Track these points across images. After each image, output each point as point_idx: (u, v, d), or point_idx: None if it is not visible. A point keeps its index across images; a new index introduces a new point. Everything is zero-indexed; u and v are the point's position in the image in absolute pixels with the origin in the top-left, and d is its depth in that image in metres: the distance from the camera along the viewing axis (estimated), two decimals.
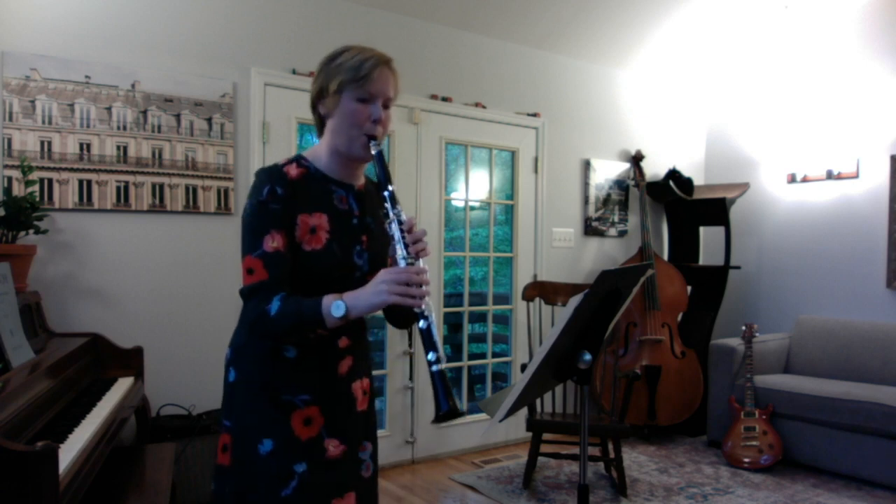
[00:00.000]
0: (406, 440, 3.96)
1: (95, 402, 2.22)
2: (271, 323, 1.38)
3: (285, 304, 1.38)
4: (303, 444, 1.46)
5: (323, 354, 1.51)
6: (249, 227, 1.43)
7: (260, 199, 1.42)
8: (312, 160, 1.53)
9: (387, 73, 1.50)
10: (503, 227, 4.77)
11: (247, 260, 1.42)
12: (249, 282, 1.41)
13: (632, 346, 4.45)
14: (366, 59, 1.48)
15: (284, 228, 1.42)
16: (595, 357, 1.62)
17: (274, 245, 1.41)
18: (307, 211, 1.46)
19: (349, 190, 1.56)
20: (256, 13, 3.42)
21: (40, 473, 1.44)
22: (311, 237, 1.45)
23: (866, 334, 4.15)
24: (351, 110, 1.47)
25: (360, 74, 1.46)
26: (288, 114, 3.50)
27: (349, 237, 1.52)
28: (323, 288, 1.43)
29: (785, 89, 4.84)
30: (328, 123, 1.52)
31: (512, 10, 4.07)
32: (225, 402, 1.51)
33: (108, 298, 3.03)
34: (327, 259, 1.47)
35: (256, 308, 1.39)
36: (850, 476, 3.73)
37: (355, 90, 1.46)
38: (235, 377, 1.49)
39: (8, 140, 2.81)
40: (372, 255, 1.57)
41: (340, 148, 1.51)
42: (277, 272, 1.41)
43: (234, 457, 1.46)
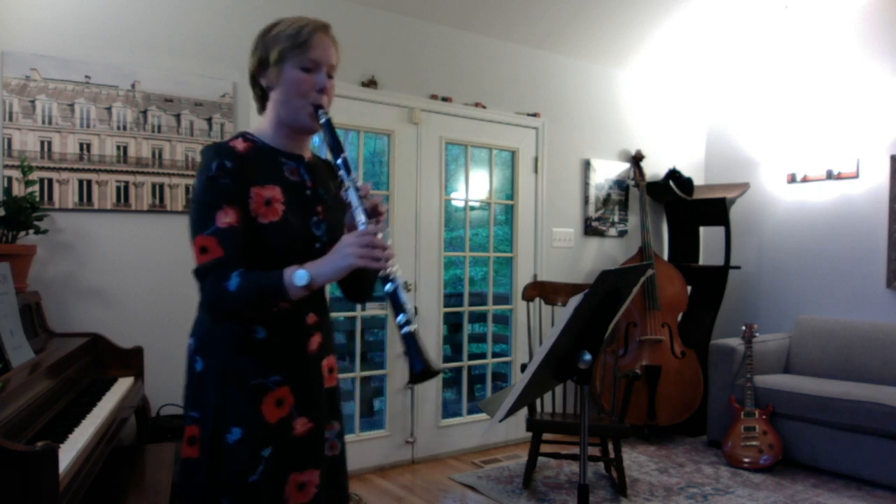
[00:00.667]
0: (406, 440, 3.96)
1: (95, 402, 2.22)
2: (232, 299, 1.34)
3: (245, 279, 1.34)
4: (271, 428, 1.44)
5: (293, 333, 1.48)
6: (199, 205, 1.38)
7: (209, 175, 1.37)
8: (258, 135, 1.50)
9: (326, 39, 1.48)
10: (503, 227, 4.77)
11: (199, 239, 1.37)
12: (203, 260, 1.36)
13: (632, 346, 4.45)
14: (303, 26, 1.46)
15: (237, 203, 1.38)
16: (595, 357, 1.62)
17: (227, 220, 1.36)
18: (259, 183, 1.42)
19: (299, 161, 1.53)
20: (256, 13, 3.42)
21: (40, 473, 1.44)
22: (267, 209, 1.42)
23: (866, 334, 4.15)
24: (295, 79, 1.44)
25: (299, 41, 1.44)
26: None
27: (305, 208, 1.49)
28: (283, 262, 1.39)
29: (785, 89, 4.84)
30: (272, 95, 1.49)
31: (512, 10, 4.07)
32: (191, 393, 1.46)
33: (108, 298, 3.03)
34: (286, 231, 1.43)
35: (215, 286, 1.35)
36: (850, 476, 3.73)
37: (297, 58, 1.44)
38: (203, 366, 1.45)
39: (8, 140, 2.81)
40: (329, 225, 1.53)
41: (286, 119, 1.48)
42: (233, 248, 1.36)
43: (203, 448, 1.43)
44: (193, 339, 1.49)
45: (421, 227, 4.00)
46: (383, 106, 3.83)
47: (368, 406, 4.67)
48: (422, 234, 4.00)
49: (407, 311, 1.37)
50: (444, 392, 4.28)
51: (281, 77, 1.45)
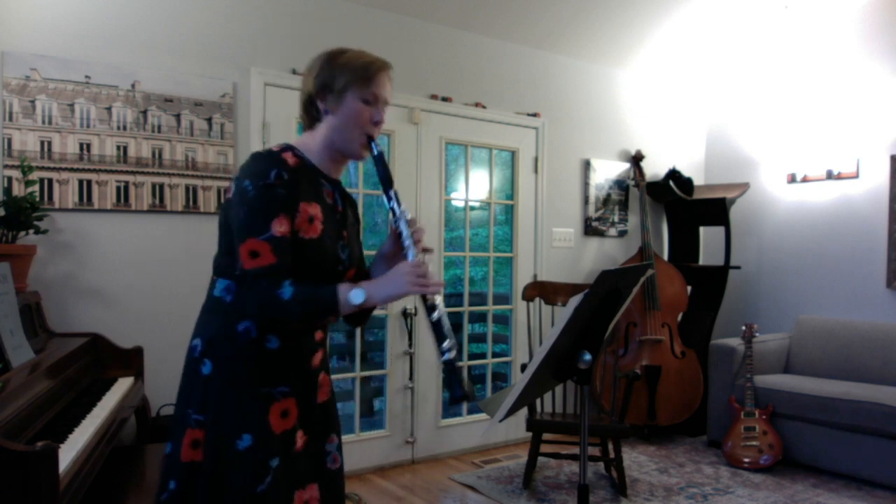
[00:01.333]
0: (406, 440, 3.96)
1: (95, 402, 2.22)
2: (285, 307, 1.36)
3: (299, 290, 1.37)
4: (277, 438, 1.45)
5: (302, 347, 1.52)
6: (254, 210, 1.39)
7: (267, 182, 1.39)
8: (305, 151, 1.52)
9: (387, 77, 1.55)
10: (503, 227, 4.77)
11: (250, 242, 1.37)
12: (254, 265, 1.37)
13: (632, 346, 4.45)
14: (372, 63, 1.52)
15: (289, 215, 1.41)
16: (595, 357, 1.62)
17: (281, 230, 1.39)
18: (307, 199, 1.45)
19: (335, 185, 1.58)
20: (256, 13, 3.42)
21: (40, 473, 1.44)
22: (309, 227, 1.45)
23: (866, 334, 4.15)
24: (356, 111, 1.50)
25: (366, 75, 1.50)
26: (288, 114, 3.50)
27: (335, 231, 1.54)
28: (311, 279, 1.43)
29: (785, 89, 4.84)
30: (327, 119, 1.53)
31: (512, 10, 4.07)
32: (197, 396, 1.44)
33: (108, 298, 3.03)
34: (322, 250, 1.47)
35: (266, 293, 1.36)
36: (850, 476, 3.73)
37: (360, 91, 1.49)
38: (213, 369, 1.44)
39: (8, 140, 2.81)
40: (350, 252, 1.58)
41: (338, 145, 1.53)
42: (285, 257, 1.39)
43: (208, 452, 1.42)
44: (200, 341, 1.47)
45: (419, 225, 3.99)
46: None
47: (368, 406, 4.67)
48: None
49: (450, 339, 1.45)
50: (444, 392, 4.28)
51: (341, 105, 1.50)
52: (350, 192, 1.69)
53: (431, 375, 4.06)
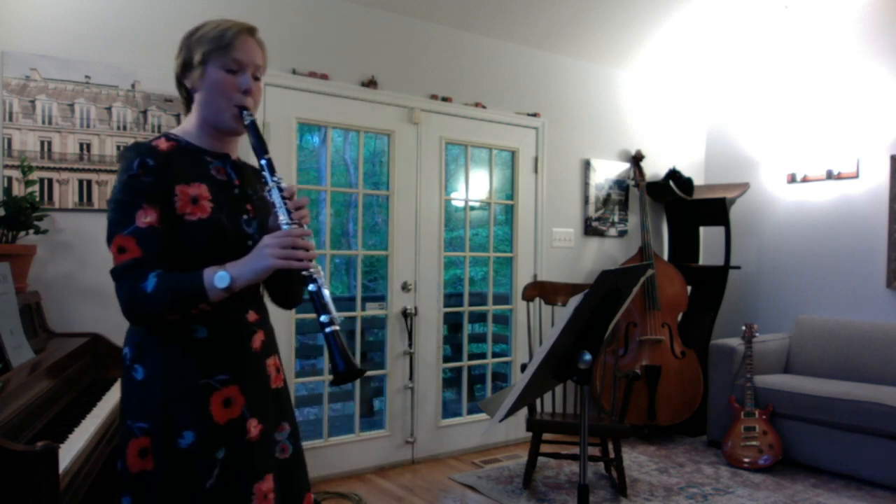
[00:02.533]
0: (406, 440, 3.96)
1: (95, 402, 2.22)
2: (148, 300, 1.30)
3: (163, 280, 1.31)
4: (222, 428, 1.40)
5: (234, 331, 1.46)
6: (119, 204, 1.35)
7: (130, 174, 1.34)
8: (182, 135, 1.47)
9: (251, 41, 1.49)
10: (503, 227, 4.77)
11: (117, 239, 1.34)
12: (121, 260, 1.33)
13: (632, 346, 4.45)
14: (228, 28, 1.47)
15: (158, 203, 1.35)
16: (595, 357, 1.62)
17: (147, 220, 1.33)
18: (185, 181, 1.39)
19: (225, 160, 1.51)
20: (256, 13, 3.42)
21: (40, 473, 1.44)
22: (195, 207, 1.39)
23: (866, 334, 4.15)
24: (218, 80, 1.44)
25: (223, 43, 1.44)
26: (288, 114, 3.50)
27: (234, 206, 1.47)
28: (215, 261, 1.37)
29: (785, 89, 4.84)
30: (196, 97, 1.48)
31: (512, 10, 4.07)
32: (134, 404, 1.39)
33: (108, 298, 3.02)
34: (215, 228, 1.40)
35: (131, 287, 1.31)
36: (850, 476, 3.73)
37: (220, 59, 1.44)
38: (145, 374, 1.39)
39: (8, 140, 2.81)
40: (261, 223, 1.51)
41: (210, 120, 1.47)
42: (152, 249, 1.33)
43: (157, 458, 1.36)
44: (129, 349, 1.43)
45: (421, 227, 4.00)
46: (383, 106, 3.83)
47: (368, 406, 4.68)
48: (422, 234, 4.00)
49: (330, 311, 1.35)
50: (444, 392, 4.28)
51: (204, 78, 1.45)
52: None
53: (431, 375, 4.06)
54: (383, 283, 3.99)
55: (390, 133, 3.89)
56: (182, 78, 1.50)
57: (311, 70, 3.57)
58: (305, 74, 3.54)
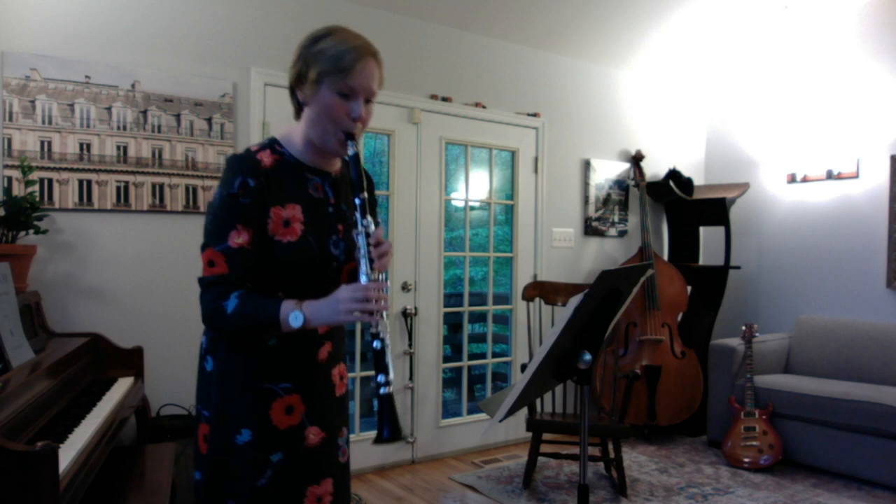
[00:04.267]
0: (406, 440, 3.96)
1: (95, 402, 2.22)
2: (226, 320, 1.35)
3: (243, 303, 1.34)
4: (281, 433, 1.44)
5: (303, 341, 1.48)
6: (215, 219, 1.38)
7: (230, 192, 1.37)
8: (286, 145, 1.48)
9: (371, 65, 1.42)
10: (503, 227, 4.77)
11: (208, 252, 1.37)
12: (209, 273, 1.37)
13: (632, 346, 4.45)
14: (349, 50, 1.39)
15: (253, 224, 1.38)
16: (595, 357, 1.62)
17: (239, 241, 1.37)
18: (280, 203, 1.41)
19: (325, 177, 1.51)
20: (256, 13, 3.42)
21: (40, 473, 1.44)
22: (286, 230, 1.41)
23: (866, 334, 4.15)
24: (329, 104, 1.40)
25: (341, 66, 1.38)
26: (288, 114, 3.46)
27: (325, 227, 1.48)
28: (299, 279, 1.42)
29: (785, 89, 4.84)
30: (305, 111, 1.46)
31: (512, 10, 4.07)
32: (201, 392, 1.48)
33: (108, 298, 3.03)
34: (303, 251, 1.42)
35: (213, 302, 1.36)
36: (850, 476, 3.73)
37: (336, 82, 1.39)
38: (213, 366, 1.45)
39: (8, 140, 2.81)
40: (348, 244, 1.52)
41: (314, 140, 1.45)
42: (239, 268, 1.37)
43: (211, 446, 1.44)
44: (206, 338, 1.49)
45: (421, 227, 4.00)
46: (383, 106, 3.83)
47: (368, 406, 4.67)
48: (422, 234, 4.00)
49: (388, 372, 1.36)
50: (444, 392, 4.28)
51: (316, 97, 1.41)
52: None
53: (431, 375, 4.06)
54: None
55: (390, 133, 3.89)
56: (295, 87, 1.47)
57: None
58: None
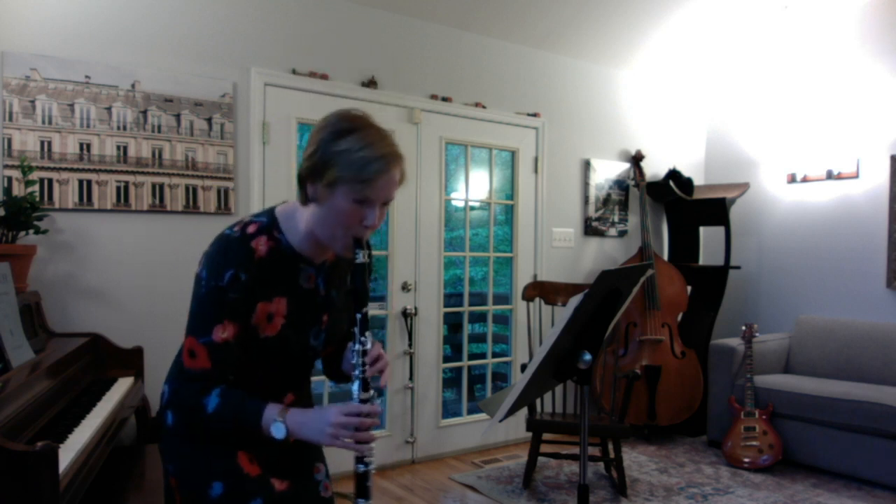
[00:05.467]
0: (406, 440, 3.96)
1: (95, 402, 2.22)
2: (205, 420, 1.30)
3: (224, 404, 1.30)
4: (254, 480, 1.38)
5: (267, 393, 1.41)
6: (201, 308, 1.32)
7: (220, 285, 1.29)
8: (286, 231, 1.38)
9: (393, 174, 1.34)
10: (503, 227, 4.77)
11: (190, 340, 1.32)
12: (190, 365, 1.31)
13: (632, 346, 4.45)
14: (375, 160, 1.29)
15: (239, 319, 1.32)
16: (595, 357, 1.62)
17: (223, 336, 1.31)
18: (268, 298, 1.35)
19: (319, 269, 1.44)
20: (256, 13, 3.42)
21: (40, 473, 1.44)
22: (267, 325, 1.36)
23: (866, 334, 4.15)
24: (343, 210, 1.30)
25: (364, 176, 1.28)
26: (288, 114, 3.50)
27: (309, 319, 1.43)
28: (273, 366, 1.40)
29: (785, 89, 4.84)
30: (313, 207, 1.34)
31: (512, 10, 4.07)
32: (164, 446, 1.41)
33: (108, 298, 3.03)
34: (280, 346, 1.38)
35: (194, 398, 1.31)
36: (850, 476, 3.73)
37: (353, 191, 1.28)
38: (173, 421, 1.38)
39: (8, 140, 2.81)
40: (329, 336, 1.48)
41: (320, 238, 1.37)
42: (221, 363, 1.32)
43: (183, 500, 1.38)
44: (167, 388, 1.41)
45: (421, 227, 4.00)
46: (383, 106, 3.83)
47: None
48: (422, 234, 4.00)
49: (370, 496, 1.35)
50: (444, 392, 4.28)
51: (330, 198, 1.30)
52: None
53: (431, 375, 4.06)
54: (383, 283, 3.99)
55: (390, 133, 3.88)
56: (307, 180, 1.33)
57: (311, 70, 3.57)
58: (305, 74, 3.54)
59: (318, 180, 1.30)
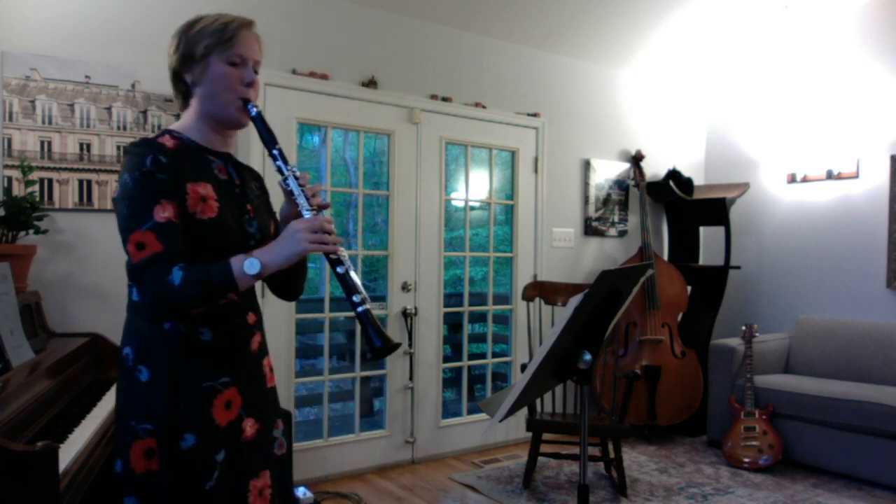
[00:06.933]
0: (406, 440, 3.96)
1: (95, 401, 2.22)
2: (176, 294, 1.28)
3: (189, 272, 1.29)
4: (222, 431, 1.41)
5: (237, 333, 1.47)
6: (133, 201, 1.32)
7: (144, 170, 1.33)
8: (184, 131, 1.47)
9: (251, 35, 1.49)
10: (503, 227, 4.77)
11: (135, 235, 1.30)
12: (141, 256, 1.29)
13: (632, 346, 4.45)
14: (229, 22, 1.46)
15: (174, 199, 1.34)
16: (595, 357, 1.62)
17: (165, 215, 1.31)
18: (194, 180, 1.39)
19: (227, 159, 1.53)
20: (256, 13, 3.39)
21: (40, 473, 1.44)
22: (204, 206, 1.39)
23: (866, 334, 4.15)
24: (222, 74, 1.44)
25: (225, 37, 1.44)
26: (288, 113, 3.50)
27: (236, 206, 1.48)
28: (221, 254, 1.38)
29: (785, 89, 4.84)
30: (197, 91, 1.47)
31: (512, 10, 4.07)
32: (139, 405, 1.37)
33: (108, 298, 3.03)
34: (222, 228, 1.41)
35: (156, 282, 1.28)
36: (850, 476, 3.73)
37: (223, 53, 1.43)
38: (150, 375, 1.37)
39: (8, 140, 2.81)
40: (260, 223, 1.52)
41: (214, 114, 1.47)
42: (173, 242, 1.31)
43: (163, 458, 1.36)
44: (131, 349, 1.41)
45: (421, 227, 4.00)
46: (383, 106, 3.83)
47: (368, 406, 4.67)
48: (422, 234, 4.00)
49: (360, 291, 1.39)
50: (444, 392, 4.28)
51: (207, 72, 1.44)
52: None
53: (431, 375, 4.06)
54: (383, 283, 3.99)
55: (390, 133, 3.89)
56: (181, 72, 1.48)
57: (311, 70, 3.57)
58: (305, 74, 3.54)
59: (192, 62, 1.45)
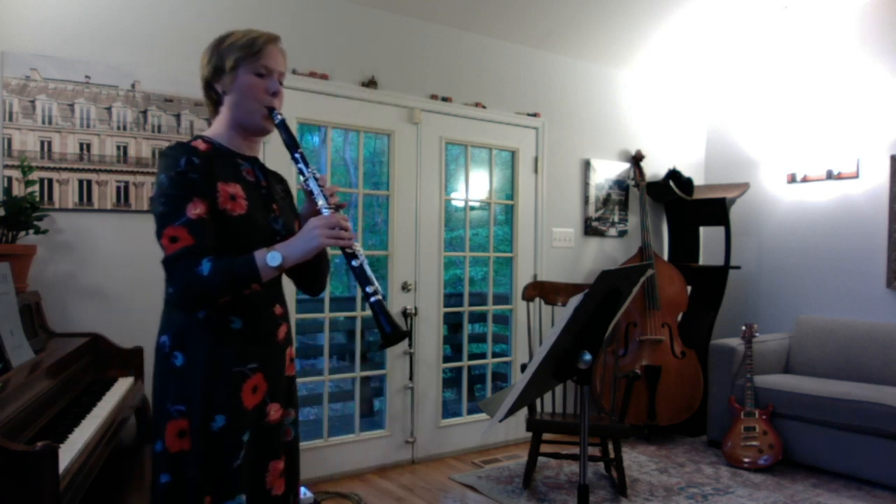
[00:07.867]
0: (406, 440, 3.96)
1: (95, 402, 2.22)
2: (205, 283, 1.41)
3: (217, 264, 1.42)
4: (249, 413, 1.53)
5: (265, 322, 1.58)
6: (168, 198, 1.45)
7: (179, 170, 1.46)
8: (214, 137, 1.60)
9: (277, 49, 1.61)
10: (503, 227, 4.77)
11: (168, 230, 1.43)
12: (174, 249, 1.43)
13: (632, 346, 4.45)
14: (257, 37, 1.58)
15: (206, 198, 1.47)
16: (595, 357, 1.62)
17: (197, 212, 1.44)
18: (224, 179, 1.52)
19: (254, 163, 1.66)
20: (256, 13, 3.42)
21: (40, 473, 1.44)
22: (234, 204, 1.51)
23: (866, 334, 4.15)
24: (249, 84, 1.57)
25: (253, 50, 1.56)
26: (288, 114, 3.48)
27: (263, 205, 1.60)
28: (249, 249, 1.49)
29: (785, 89, 4.84)
30: (226, 100, 1.60)
31: (512, 10, 4.07)
32: (172, 389, 1.50)
33: (108, 298, 3.03)
34: (250, 224, 1.53)
35: (187, 272, 1.41)
36: (850, 476, 3.73)
37: (251, 65, 1.56)
38: (185, 360, 1.49)
39: (8, 140, 2.81)
40: (285, 221, 1.64)
41: (241, 121, 1.60)
42: (203, 237, 1.44)
43: (194, 439, 1.48)
44: (168, 337, 1.53)
45: (421, 227, 4.00)
46: (383, 106, 3.83)
47: (368, 406, 4.67)
48: (422, 234, 4.00)
49: (373, 283, 1.51)
50: (444, 392, 4.28)
51: (235, 82, 1.57)
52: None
53: (431, 375, 4.06)
54: (383, 283, 3.99)
55: (390, 133, 3.89)
56: (213, 82, 1.61)
57: (311, 70, 3.57)
58: (305, 74, 3.54)
59: (222, 73, 1.58)
